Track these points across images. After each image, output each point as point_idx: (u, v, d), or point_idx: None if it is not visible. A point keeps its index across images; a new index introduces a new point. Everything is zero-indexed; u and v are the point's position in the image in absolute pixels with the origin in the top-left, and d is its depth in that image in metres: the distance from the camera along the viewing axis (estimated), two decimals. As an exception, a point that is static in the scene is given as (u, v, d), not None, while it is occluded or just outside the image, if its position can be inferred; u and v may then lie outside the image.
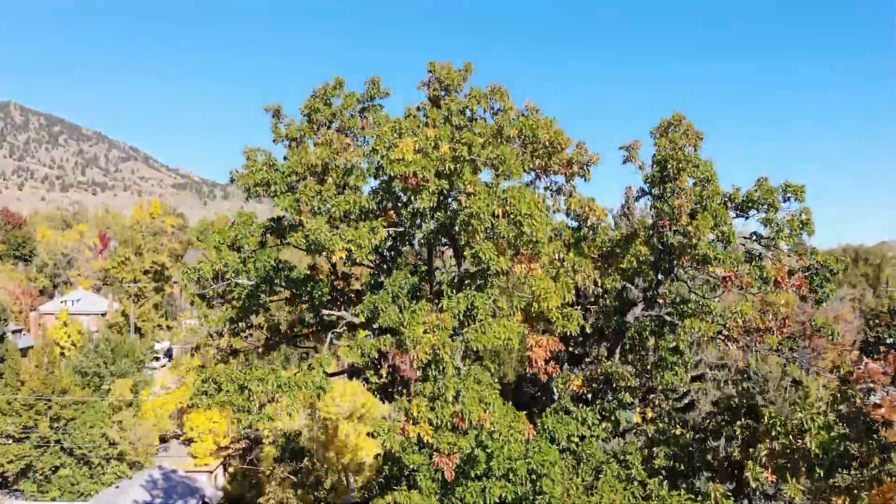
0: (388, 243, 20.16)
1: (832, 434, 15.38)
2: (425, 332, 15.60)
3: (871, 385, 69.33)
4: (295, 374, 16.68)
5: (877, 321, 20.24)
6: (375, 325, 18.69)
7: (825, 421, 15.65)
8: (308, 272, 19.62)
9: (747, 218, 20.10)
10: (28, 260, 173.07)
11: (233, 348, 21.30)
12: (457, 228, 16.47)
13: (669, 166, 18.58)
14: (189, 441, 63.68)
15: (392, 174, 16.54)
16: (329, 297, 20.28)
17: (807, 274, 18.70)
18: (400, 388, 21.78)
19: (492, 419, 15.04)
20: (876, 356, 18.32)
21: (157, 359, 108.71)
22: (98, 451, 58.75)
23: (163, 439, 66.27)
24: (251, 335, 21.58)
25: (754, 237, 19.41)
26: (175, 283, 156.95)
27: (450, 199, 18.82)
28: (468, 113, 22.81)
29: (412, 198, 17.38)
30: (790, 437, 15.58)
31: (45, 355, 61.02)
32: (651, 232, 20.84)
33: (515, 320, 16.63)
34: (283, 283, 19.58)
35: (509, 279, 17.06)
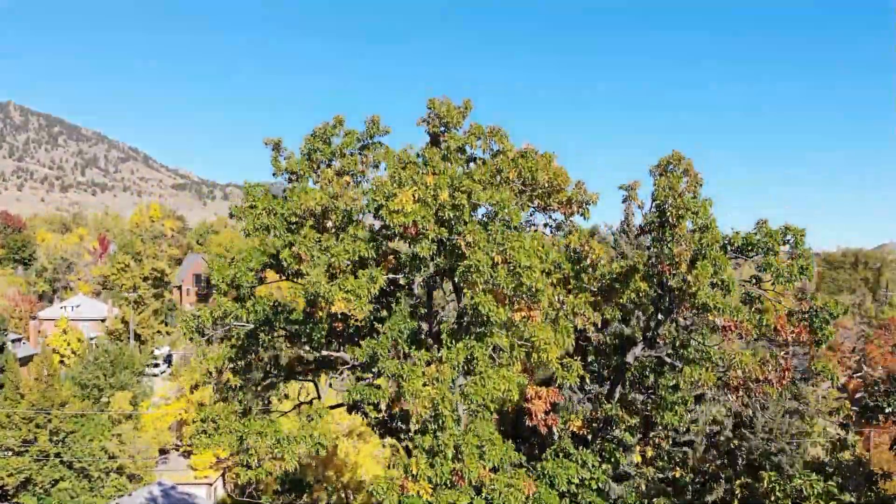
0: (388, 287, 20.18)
1: (832, 503, 15.40)
2: (424, 384, 15.61)
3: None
4: (294, 429, 16.68)
5: (876, 387, 20.25)
6: (374, 369, 18.70)
7: (825, 487, 15.65)
8: (307, 310, 19.61)
9: (747, 259, 20.11)
10: (28, 264, 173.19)
11: (232, 387, 21.30)
12: (456, 279, 16.48)
13: (669, 213, 18.60)
14: (188, 453, 63.74)
15: (391, 225, 16.56)
16: (327, 339, 20.31)
17: (806, 317, 18.71)
18: (399, 423, 21.81)
19: (491, 476, 15.06)
20: (874, 422, 18.29)
21: (157, 365, 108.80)
22: (98, 465, 58.78)
23: (162, 451, 66.28)
24: (251, 374, 21.58)
25: (754, 281, 19.44)
26: (175, 287, 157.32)
27: (450, 241, 18.83)
28: (468, 150, 22.88)
29: (412, 245, 17.38)
30: (790, 501, 15.60)
31: (45, 367, 61.03)
32: (651, 271, 20.86)
33: (515, 370, 16.64)
34: (283, 325, 19.60)
35: (509, 328, 17.03)
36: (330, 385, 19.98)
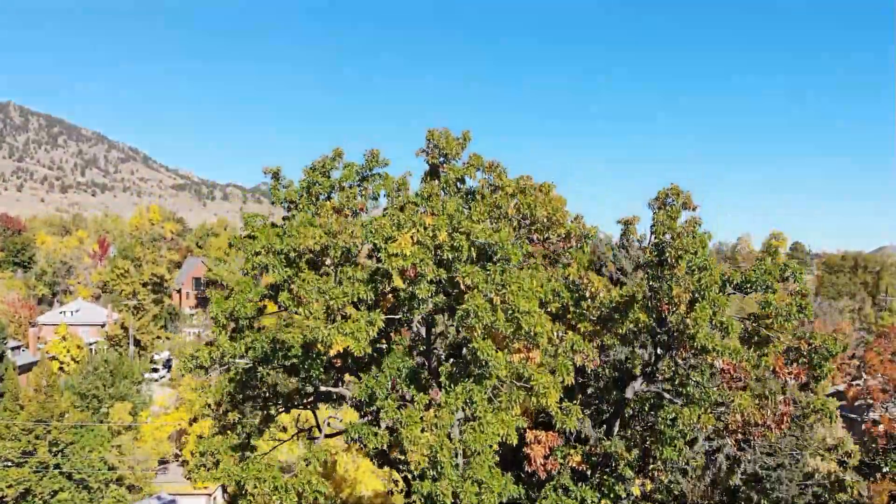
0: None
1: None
2: (423, 430, 15.60)
3: (870, 402, 69.26)
4: (292, 475, 16.67)
5: (874, 445, 20.21)
6: (372, 408, 18.69)
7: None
8: (305, 345, 19.58)
9: (747, 294, 20.09)
10: (27, 266, 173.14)
11: (231, 422, 21.31)
12: (455, 324, 16.46)
13: (668, 254, 18.60)
14: (188, 463, 63.76)
15: (391, 269, 16.55)
16: (326, 372, 20.31)
17: (806, 357, 18.70)
18: (398, 455, 21.81)
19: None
20: (873, 480, 18.26)
21: (156, 370, 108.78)
22: (97, 476, 58.77)
23: (162, 460, 66.25)
24: (249, 406, 21.58)
25: (752, 318, 19.42)
26: (175, 291, 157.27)
27: (450, 280, 18.81)
28: (468, 180, 22.88)
29: (411, 286, 17.37)
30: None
31: (44, 378, 61.00)
32: (649, 304, 20.85)
33: (514, 414, 16.64)
34: (281, 362, 19.59)
35: (508, 370, 17.02)
36: (328, 423, 19.91)
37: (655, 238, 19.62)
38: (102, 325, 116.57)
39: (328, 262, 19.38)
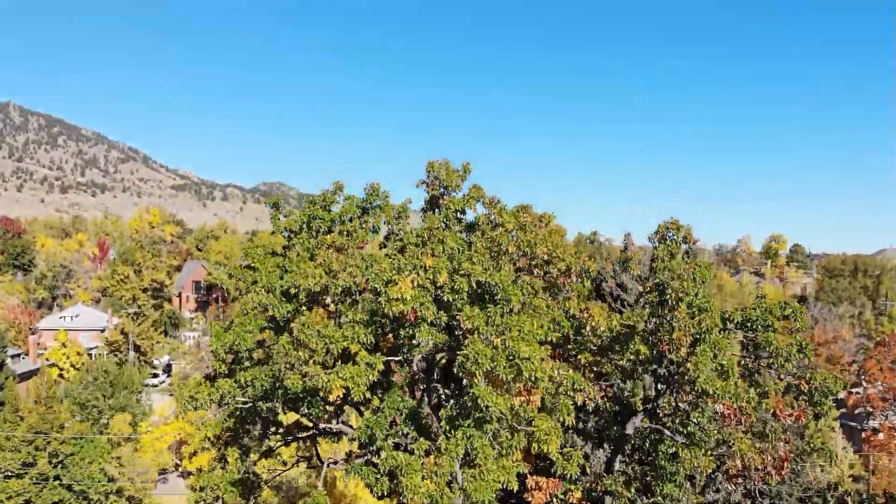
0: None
1: None
2: (423, 477, 15.60)
3: (870, 410, 69.36)
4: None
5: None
6: (372, 448, 18.69)
7: None
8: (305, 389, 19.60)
9: (747, 332, 20.09)
10: (27, 269, 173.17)
11: (229, 456, 21.32)
12: (455, 369, 16.46)
13: (668, 295, 18.59)
14: (187, 474, 63.77)
15: (391, 313, 16.55)
16: (326, 412, 20.32)
17: (806, 396, 18.71)
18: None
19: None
20: None
21: (156, 375, 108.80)
22: (97, 487, 58.81)
23: (162, 471, 66.28)
24: (249, 440, 21.58)
25: (753, 357, 19.43)
26: (175, 295, 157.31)
27: (450, 321, 18.79)
28: (468, 212, 22.90)
29: (411, 330, 17.36)
30: None
31: (44, 389, 61.02)
32: (650, 338, 20.84)
33: (514, 459, 16.64)
34: (281, 400, 19.60)
35: (510, 414, 17.01)
36: (328, 466, 19.91)
37: (656, 277, 19.61)
38: (102, 330, 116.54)
39: (328, 300, 19.37)
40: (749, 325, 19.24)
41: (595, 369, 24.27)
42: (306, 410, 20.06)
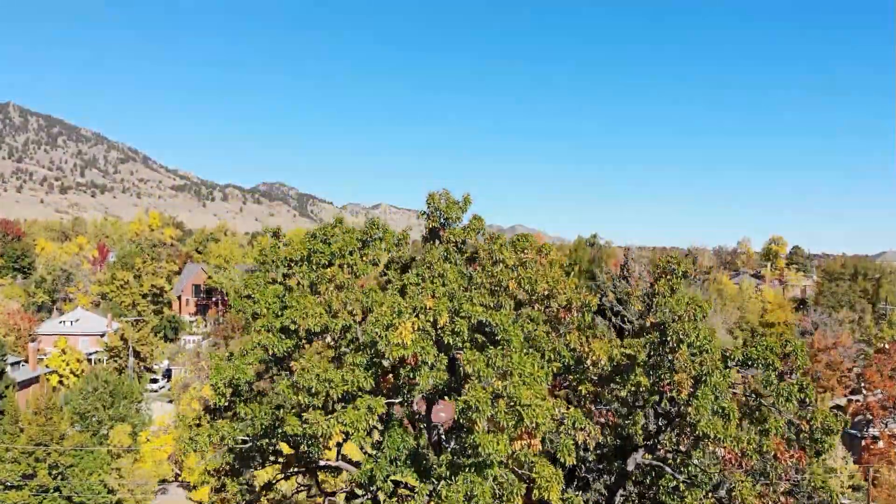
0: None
1: None
2: (424, 524, 15.55)
3: (870, 418, 69.15)
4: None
5: None
6: (373, 488, 18.65)
7: None
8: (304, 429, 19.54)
9: (748, 368, 20.06)
10: (27, 272, 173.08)
11: (229, 486, 21.29)
12: (456, 416, 16.42)
13: (669, 337, 18.56)
14: (187, 484, 63.75)
15: (392, 358, 16.52)
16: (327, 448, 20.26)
17: (807, 434, 18.67)
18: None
19: None
20: None
21: (156, 380, 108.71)
22: (97, 499, 58.77)
23: (162, 481, 66.25)
24: (249, 474, 21.55)
25: (754, 396, 19.40)
26: (175, 298, 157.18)
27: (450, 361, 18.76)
28: (468, 242, 22.88)
29: (411, 373, 17.33)
30: None
31: (44, 401, 60.95)
32: (650, 371, 20.81)
33: (515, 504, 16.57)
34: (281, 439, 19.57)
35: (510, 459, 16.96)
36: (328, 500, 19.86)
37: (656, 312, 19.57)
38: (102, 335, 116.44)
39: (328, 339, 19.34)
40: (750, 363, 19.21)
41: (597, 399, 24.28)
42: (306, 448, 20.00)
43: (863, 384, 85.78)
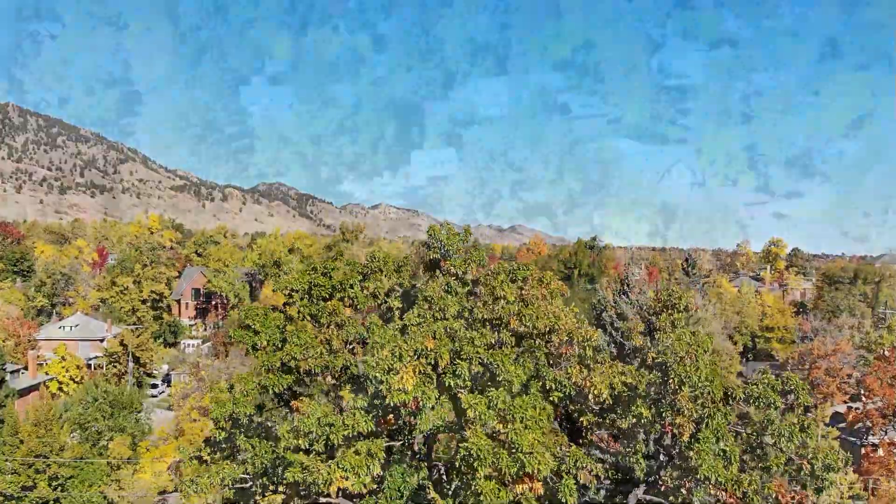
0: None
1: None
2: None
3: (869, 425, 68.83)
4: None
5: None
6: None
7: None
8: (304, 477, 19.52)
9: (749, 405, 20.03)
10: (26, 276, 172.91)
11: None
12: (458, 463, 16.41)
13: (671, 378, 18.52)
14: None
15: (393, 403, 16.50)
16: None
17: (808, 477, 18.65)
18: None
19: None
20: None
21: (155, 385, 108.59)
22: (96, 511, 58.72)
23: (161, 492, 66.20)
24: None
25: (755, 435, 19.36)
26: (174, 302, 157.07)
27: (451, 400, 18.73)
28: (468, 275, 22.85)
29: (413, 417, 17.30)
30: None
31: (44, 413, 60.92)
32: (651, 403, 20.77)
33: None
34: (281, 479, 19.53)
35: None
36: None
37: (658, 353, 19.55)
38: (102, 340, 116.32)
39: (329, 379, 19.33)
40: (751, 401, 19.19)
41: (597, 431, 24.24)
42: (305, 486, 19.99)
43: (862, 391, 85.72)
